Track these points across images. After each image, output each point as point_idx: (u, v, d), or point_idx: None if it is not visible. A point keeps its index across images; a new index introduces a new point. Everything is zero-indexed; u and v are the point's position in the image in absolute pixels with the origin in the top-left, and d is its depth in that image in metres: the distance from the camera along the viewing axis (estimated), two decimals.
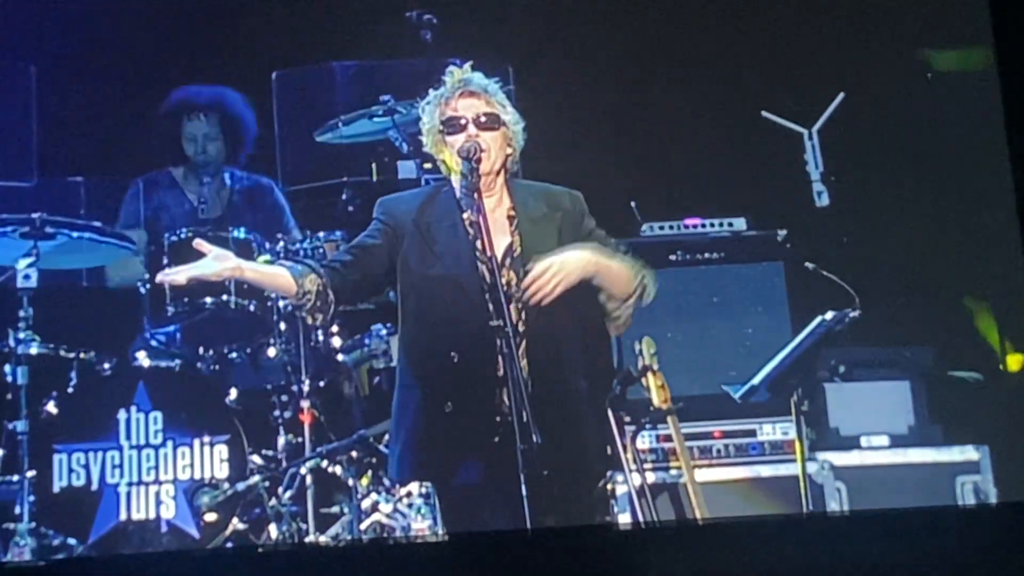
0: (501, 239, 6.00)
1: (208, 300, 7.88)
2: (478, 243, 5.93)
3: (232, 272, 6.04)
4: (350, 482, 7.78)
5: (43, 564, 7.43)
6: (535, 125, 6.22)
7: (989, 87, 8.07)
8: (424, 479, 6.14)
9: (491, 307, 5.84)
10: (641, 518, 7.19)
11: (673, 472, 7.63)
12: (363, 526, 7.75)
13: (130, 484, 7.84)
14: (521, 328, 5.93)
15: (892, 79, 8.73)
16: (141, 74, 8.63)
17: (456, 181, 6.04)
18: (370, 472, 7.90)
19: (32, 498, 7.61)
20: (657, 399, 7.31)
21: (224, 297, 7.88)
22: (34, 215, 7.78)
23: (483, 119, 6.03)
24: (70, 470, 7.81)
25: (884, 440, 7.87)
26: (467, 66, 6.16)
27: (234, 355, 8.08)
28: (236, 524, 7.76)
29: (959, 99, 8.59)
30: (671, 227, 8.28)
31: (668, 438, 7.52)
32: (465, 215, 6.00)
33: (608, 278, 6.00)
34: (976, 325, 8.43)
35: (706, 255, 8.18)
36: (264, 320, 7.97)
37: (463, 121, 6.03)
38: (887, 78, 8.73)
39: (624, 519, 7.43)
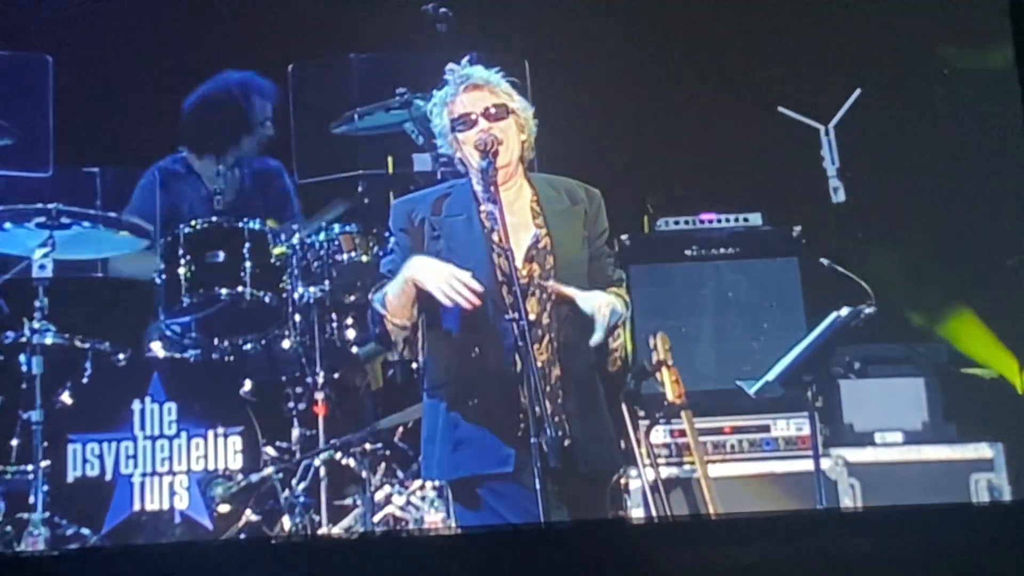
0: (525, 231, 6.00)
1: (223, 291, 7.89)
2: (494, 235, 5.93)
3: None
4: (363, 474, 7.78)
5: (57, 554, 7.44)
6: (551, 119, 6.21)
7: (1006, 84, 8.04)
8: (454, 478, 6.08)
9: (509, 299, 5.83)
10: (654, 513, 7.19)
11: (687, 467, 7.63)
12: (376, 519, 7.75)
13: (144, 475, 7.85)
14: (545, 321, 5.93)
15: (909, 75, 8.72)
16: (157, 65, 8.64)
17: (475, 176, 6.03)
18: (383, 464, 7.91)
19: (46, 488, 7.62)
20: (671, 394, 7.31)
21: (239, 288, 7.89)
22: (50, 205, 7.79)
23: (492, 110, 6.01)
24: (84, 460, 7.83)
25: (898, 437, 7.87)
26: (464, 61, 6.13)
27: (249, 346, 8.08)
28: (249, 515, 7.77)
29: (976, 96, 8.58)
30: (686, 222, 8.27)
31: (682, 433, 7.52)
32: (482, 208, 5.99)
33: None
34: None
35: (721, 250, 8.17)
36: (279, 312, 7.97)
37: (473, 116, 6.00)
38: (904, 74, 8.72)
39: (637, 514, 7.44)
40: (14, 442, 7.73)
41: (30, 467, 7.65)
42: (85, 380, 7.89)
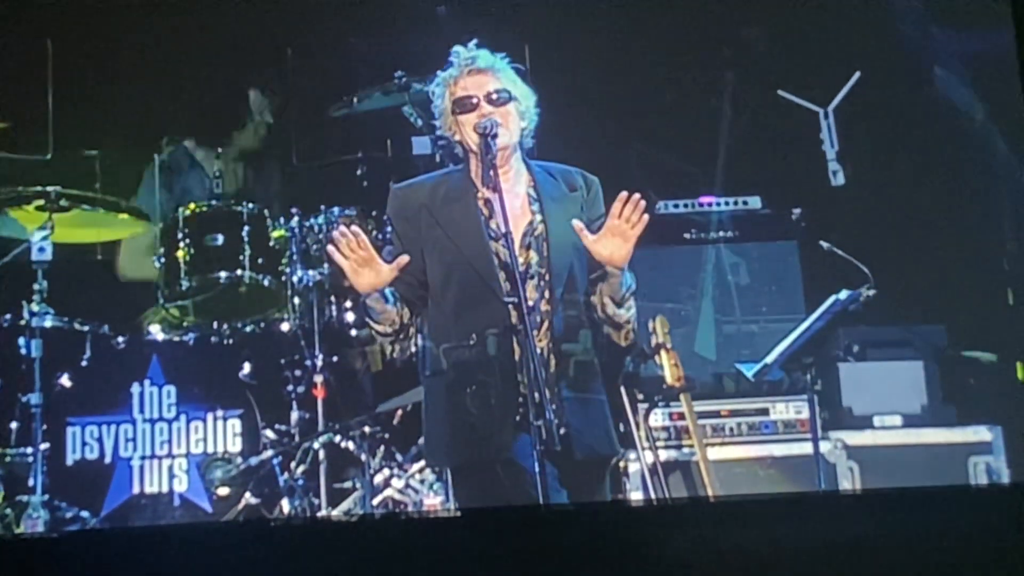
0: (520, 217, 5.98)
1: (222, 274, 7.89)
2: (492, 222, 5.92)
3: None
4: (363, 457, 7.79)
5: (56, 536, 7.45)
6: (551, 103, 6.19)
7: (1006, 66, 8.03)
8: (456, 463, 6.09)
9: (507, 285, 5.82)
10: (653, 495, 7.20)
11: (686, 450, 7.64)
12: (375, 501, 7.77)
13: (143, 457, 7.87)
14: (543, 307, 5.93)
15: (908, 58, 8.71)
16: (156, 49, 8.63)
17: (473, 160, 6.01)
18: (382, 447, 7.91)
19: (46, 470, 7.63)
20: (670, 377, 7.32)
21: (238, 272, 7.89)
22: (49, 188, 7.79)
23: (494, 95, 5.98)
24: (83, 443, 7.84)
25: (897, 420, 7.87)
26: (471, 44, 6.11)
27: (248, 329, 8.08)
28: (248, 498, 7.79)
29: (976, 78, 8.57)
30: (686, 205, 8.27)
31: (681, 416, 7.53)
32: (479, 193, 5.97)
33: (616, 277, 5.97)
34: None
35: (720, 233, 8.18)
36: (278, 295, 7.98)
37: (474, 100, 5.98)
38: (903, 57, 8.71)
39: (636, 496, 7.44)
40: (13, 425, 7.74)
41: (29, 450, 7.67)
42: (84, 363, 7.89)
